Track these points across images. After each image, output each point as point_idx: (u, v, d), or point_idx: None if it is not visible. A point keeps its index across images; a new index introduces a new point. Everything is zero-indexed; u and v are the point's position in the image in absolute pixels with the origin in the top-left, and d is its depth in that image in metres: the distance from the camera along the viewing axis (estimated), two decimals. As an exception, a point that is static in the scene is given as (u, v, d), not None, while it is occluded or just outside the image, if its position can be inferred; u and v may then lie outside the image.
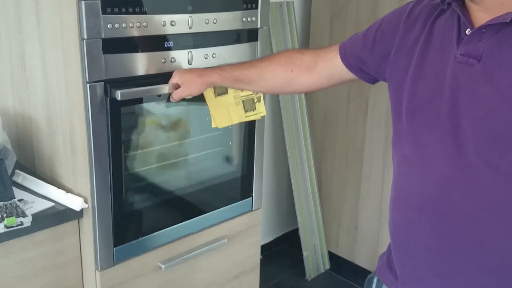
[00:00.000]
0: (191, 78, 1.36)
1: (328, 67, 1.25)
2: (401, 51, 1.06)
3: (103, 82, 1.31)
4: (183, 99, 1.41)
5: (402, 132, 1.06)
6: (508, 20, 0.87)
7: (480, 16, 0.92)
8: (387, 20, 1.14)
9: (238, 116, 1.51)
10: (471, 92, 0.91)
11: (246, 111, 1.52)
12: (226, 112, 1.48)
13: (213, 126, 1.47)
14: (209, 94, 1.45)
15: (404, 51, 1.06)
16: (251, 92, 1.51)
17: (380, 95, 2.34)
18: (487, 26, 0.90)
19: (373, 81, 1.22)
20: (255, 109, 1.54)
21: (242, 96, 1.50)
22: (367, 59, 1.16)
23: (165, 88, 1.38)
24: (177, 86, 1.37)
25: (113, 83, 1.33)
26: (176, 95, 1.37)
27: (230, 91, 1.48)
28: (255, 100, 1.53)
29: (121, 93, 1.31)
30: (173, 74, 1.39)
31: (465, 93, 0.92)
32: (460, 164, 0.93)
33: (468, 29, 0.94)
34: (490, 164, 0.90)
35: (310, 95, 2.65)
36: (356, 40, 1.20)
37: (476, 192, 0.92)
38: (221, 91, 1.45)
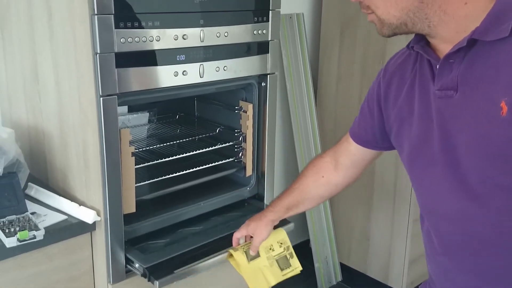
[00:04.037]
0: (256, 225, 1.42)
1: (349, 157, 1.31)
2: (388, 103, 1.11)
3: (115, 96, 1.32)
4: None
5: (410, 178, 1.09)
6: (465, 44, 0.88)
7: (445, 48, 0.94)
8: (370, 88, 1.18)
9: (275, 277, 1.46)
10: (458, 123, 0.92)
11: (282, 269, 1.47)
12: (262, 277, 1.43)
13: None
14: (242, 261, 1.41)
15: (390, 103, 1.10)
16: (282, 250, 1.48)
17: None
18: (452, 55, 0.92)
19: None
20: (291, 265, 1.49)
21: (274, 256, 1.46)
22: (375, 128, 1.19)
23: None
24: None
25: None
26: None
27: (262, 253, 1.44)
28: (288, 257, 1.49)
29: (159, 283, 1.38)
30: (240, 229, 1.45)
31: (452, 125, 0.93)
32: (470, 196, 0.93)
33: (438, 65, 0.95)
34: (498, 186, 0.89)
35: (320, 104, 2.65)
36: (359, 119, 1.24)
37: (495, 218, 0.91)
38: (253, 256, 1.43)
